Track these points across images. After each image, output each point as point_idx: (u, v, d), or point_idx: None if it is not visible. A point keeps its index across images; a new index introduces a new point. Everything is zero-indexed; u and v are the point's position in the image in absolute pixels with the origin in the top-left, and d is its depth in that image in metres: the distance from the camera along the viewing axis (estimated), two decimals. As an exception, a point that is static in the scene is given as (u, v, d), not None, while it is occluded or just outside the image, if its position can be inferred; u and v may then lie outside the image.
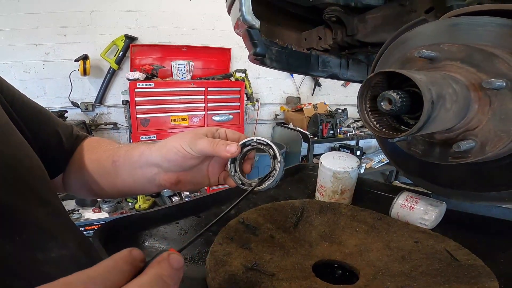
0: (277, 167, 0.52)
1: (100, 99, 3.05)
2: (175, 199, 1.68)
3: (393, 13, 0.91)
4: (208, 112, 3.04)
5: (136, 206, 1.54)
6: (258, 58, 0.97)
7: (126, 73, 2.84)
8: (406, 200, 0.77)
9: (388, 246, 0.63)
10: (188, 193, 1.71)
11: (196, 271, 0.53)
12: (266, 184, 0.53)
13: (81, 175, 0.60)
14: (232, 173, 0.54)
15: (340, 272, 0.61)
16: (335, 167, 0.84)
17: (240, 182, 0.54)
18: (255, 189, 0.52)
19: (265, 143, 0.53)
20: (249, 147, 0.53)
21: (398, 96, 0.43)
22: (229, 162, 0.54)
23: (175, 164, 0.51)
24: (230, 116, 3.17)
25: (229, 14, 1.03)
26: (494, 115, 0.45)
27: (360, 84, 0.50)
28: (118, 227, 0.61)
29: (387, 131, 0.50)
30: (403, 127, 0.50)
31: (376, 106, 0.48)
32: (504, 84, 0.43)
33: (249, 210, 0.73)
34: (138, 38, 3.04)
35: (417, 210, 0.74)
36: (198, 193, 1.74)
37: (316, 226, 0.71)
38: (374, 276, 0.53)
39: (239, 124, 3.23)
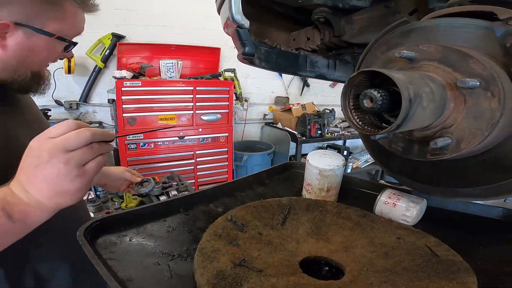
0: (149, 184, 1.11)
1: (85, 97, 2.99)
2: (163, 198, 1.67)
3: (378, 14, 0.93)
4: (197, 112, 3.02)
5: (123, 205, 1.52)
6: (247, 57, 0.98)
7: (113, 72, 2.78)
8: (389, 197, 0.80)
9: (372, 243, 0.65)
10: (176, 192, 1.70)
11: (184, 268, 0.54)
12: (141, 189, 1.10)
13: None
14: (135, 188, 1.10)
15: (327, 268, 0.62)
16: (321, 165, 0.86)
17: (137, 192, 1.10)
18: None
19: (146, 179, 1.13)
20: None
21: (379, 94, 0.45)
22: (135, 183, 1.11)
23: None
24: (219, 116, 3.16)
25: (219, 13, 1.03)
26: (468, 113, 0.48)
27: (347, 84, 0.52)
28: (104, 225, 0.61)
29: (369, 128, 0.51)
30: (384, 125, 0.52)
31: (359, 104, 0.50)
32: (478, 83, 0.46)
33: (236, 208, 0.74)
34: (125, 36, 2.99)
35: (399, 207, 0.77)
36: (186, 192, 1.73)
37: (303, 223, 0.72)
38: (359, 272, 0.55)
39: (227, 123, 3.22)
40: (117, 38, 2.89)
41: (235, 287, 0.47)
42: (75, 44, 0.75)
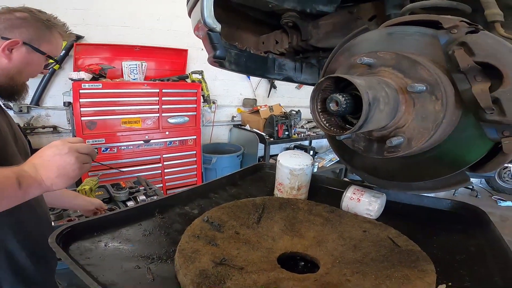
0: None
1: (37, 100, 2.75)
2: (131, 203, 1.61)
3: (342, 20, 1.00)
4: (163, 114, 2.94)
5: (86, 213, 1.46)
6: (217, 61, 0.99)
7: (69, 73, 2.60)
8: (354, 193, 0.86)
9: (342, 236, 0.70)
10: (145, 197, 1.65)
11: (166, 270, 0.54)
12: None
13: None
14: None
15: (302, 263, 0.66)
16: (292, 165, 0.90)
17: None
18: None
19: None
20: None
21: (343, 99, 0.50)
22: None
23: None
24: (186, 118, 3.10)
25: (190, 16, 1.03)
26: (417, 115, 0.54)
27: (313, 87, 0.56)
28: (76, 231, 0.59)
29: (335, 129, 0.56)
30: (348, 126, 0.57)
31: (326, 107, 0.54)
32: (425, 88, 0.52)
33: (212, 209, 0.75)
34: (84, 37, 2.81)
35: (363, 202, 0.83)
36: (155, 197, 1.69)
37: (277, 221, 0.76)
38: (333, 265, 0.60)
39: (195, 126, 3.18)
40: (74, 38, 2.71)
41: (219, 285, 0.48)
42: (57, 62, 1.00)
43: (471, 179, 0.63)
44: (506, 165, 4.27)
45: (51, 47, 0.91)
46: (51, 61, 0.95)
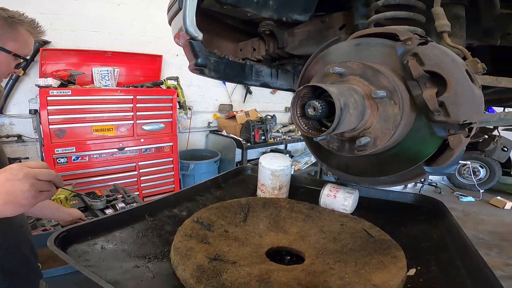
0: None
1: (0, 108, 2.58)
2: (109, 211, 1.58)
3: (315, 28, 1.08)
4: (138, 121, 2.88)
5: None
6: (198, 68, 1.02)
7: (36, 80, 2.47)
8: (330, 190, 0.94)
9: (322, 230, 0.77)
10: (124, 205, 1.62)
11: (163, 267, 0.57)
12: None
13: None
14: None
15: (288, 257, 0.72)
16: (273, 166, 0.96)
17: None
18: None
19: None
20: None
21: (319, 105, 0.56)
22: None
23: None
24: (162, 125, 3.07)
25: (170, 24, 1.05)
26: (380, 117, 0.62)
27: (288, 92, 0.62)
28: (71, 235, 0.60)
29: (313, 132, 0.63)
30: (323, 128, 0.64)
31: (304, 112, 0.61)
32: (385, 94, 0.60)
33: (200, 210, 0.79)
34: (51, 42, 2.69)
35: (338, 198, 0.91)
36: (135, 204, 1.67)
37: (262, 219, 0.81)
38: (317, 256, 0.66)
39: (171, 132, 3.15)
40: (39, 43, 2.59)
41: (216, 277, 0.52)
42: (27, 60, 0.96)
43: (436, 176, 0.71)
44: (464, 162, 4.68)
45: (17, 45, 0.86)
46: (21, 60, 0.89)
